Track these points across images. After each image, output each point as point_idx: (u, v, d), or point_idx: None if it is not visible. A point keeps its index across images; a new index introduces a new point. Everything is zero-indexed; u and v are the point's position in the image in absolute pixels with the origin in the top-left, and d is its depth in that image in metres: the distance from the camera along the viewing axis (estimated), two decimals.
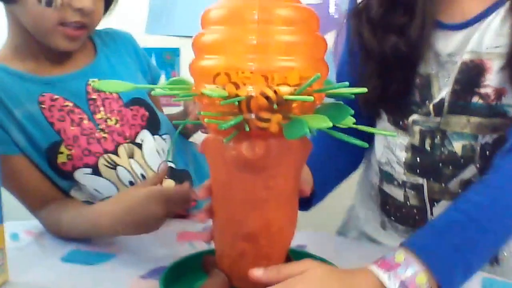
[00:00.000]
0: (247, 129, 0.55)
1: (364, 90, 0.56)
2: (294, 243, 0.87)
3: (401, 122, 0.88)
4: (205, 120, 0.58)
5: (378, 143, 0.95)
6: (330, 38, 1.97)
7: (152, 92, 0.60)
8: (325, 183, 0.89)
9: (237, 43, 0.55)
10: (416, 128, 0.86)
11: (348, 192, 1.04)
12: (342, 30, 0.98)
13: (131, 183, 0.98)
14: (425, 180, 0.87)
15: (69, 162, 0.94)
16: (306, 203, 0.86)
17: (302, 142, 0.59)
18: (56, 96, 0.95)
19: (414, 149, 0.87)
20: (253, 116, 0.55)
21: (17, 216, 0.99)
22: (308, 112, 0.56)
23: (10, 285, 0.74)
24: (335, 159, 0.92)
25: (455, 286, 0.59)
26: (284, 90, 0.53)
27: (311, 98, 0.52)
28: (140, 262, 0.82)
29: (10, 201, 0.94)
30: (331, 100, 0.60)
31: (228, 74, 0.54)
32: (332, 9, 1.93)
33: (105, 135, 0.97)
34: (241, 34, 0.55)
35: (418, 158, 0.87)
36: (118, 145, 0.98)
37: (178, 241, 0.91)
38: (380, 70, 0.85)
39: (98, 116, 0.98)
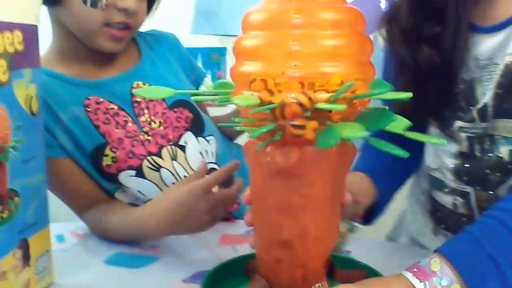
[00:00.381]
0: (277, 137, 0.54)
1: (409, 95, 0.52)
2: None
3: (446, 129, 0.85)
4: (238, 127, 0.58)
5: (428, 148, 0.92)
6: (382, 33, 1.92)
7: (192, 97, 0.60)
8: (385, 195, 0.87)
9: (274, 49, 0.53)
10: (463, 135, 0.82)
11: (398, 196, 1.02)
12: None
13: None
14: (472, 188, 0.83)
15: (114, 165, 0.95)
16: (367, 217, 0.85)
17: (341, 149, 0.57)
18: (101, 99, 0.96)
19: (463, 156, 0.84)
20: (289, 123, 0.53)
21: (63, 218, 1.01)
22: (349, 118, 0.54)
23: (54, 287, 0.76)
24: (392, 169, 0.89)
25: None
26: (319, 96, 0.52)
27: (342, 106, 0.49)
28: (183, 265, 0.82)
29: (55, 202, 0.96)
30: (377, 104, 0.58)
31: (264, 80, 0.53)
32: (383, 4, 1.88)
33: (149, 137, 0.97)
34: (279, 40, 0.53)
35: (466, 165, 0.83)
36: (161, 147, 0.98)
37: (221, 245, 0.91)
38: (416, 80, 0.82)
39: (142, 118, 0.98)
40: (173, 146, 0.99)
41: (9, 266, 0.66)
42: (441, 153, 0.88)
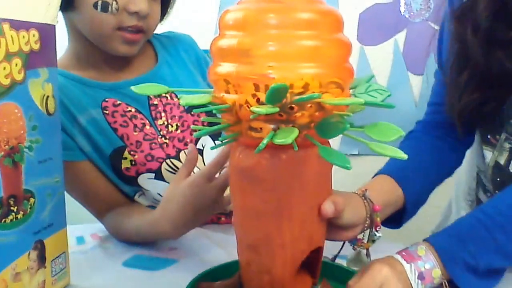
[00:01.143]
0: (221, 138, 0.57)
1: (360, 101, 0.50)
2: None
3: (489, 136, 0.82)
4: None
5: (477, 146, 0.90)
6: (400, 38, 1.90)
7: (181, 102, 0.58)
8: (418, 196, 0.84)
9: (250, 50, 0.51)
10: (506, 145, 0.80)
11: (444, 194, 0.98)
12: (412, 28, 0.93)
13: None
14: None
15: (133, 168, 0.94)
16: (397, 220, 0.82)
17: (307, 158, 0.55)
18: (119, 101, 0.96)
19: (496, 168, 0.81)
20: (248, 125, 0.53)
21: (84, 219, 1.00)
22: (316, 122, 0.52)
23: None
24: (424, 170, 0.85)
25: (464, 281, 0.66)
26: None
27: (273, 110, 0.48)
28: (201, 268, 0.80)
29: (77, 203, 0.96)
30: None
31: (226, 81, 0.52)
32: (403, 9, 1.87)
33: (167, 141, 0.97)
34: (255, 40, 0.51)
35: (498, 179, 0.80)
36: (179, 151, 0.97)
37: None
38: (481, 81, 0.78)
39: (160, 122, 0.97)
40: None
41: (23, 267, 0.66)
42: (484, 158, 0.86)
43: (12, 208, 0.64)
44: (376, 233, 0.72)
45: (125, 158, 0.94)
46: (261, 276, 0.59)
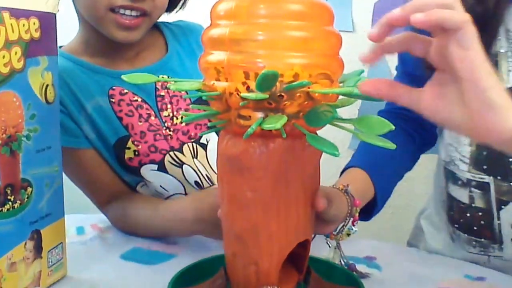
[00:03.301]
0: (207, 124, 0.60)
1: (349, 90, 0.51)
2: (364, 253, 0.82)
3: None
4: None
5: (441, 141, 0.89)
6: None
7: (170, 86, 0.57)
8: (386, 190, 0.85)
9: (239, 39, 0.52)
10: None
11: (417, 202, 0.97)
12: None
13: (197, 183, 0.96)
14: (492, 179, 0.79)
15: (136, 158, 0.93)
16: (367, 213, 0.83)
17: (295, 147, 0.55)
18: (126, 90, 0.95)
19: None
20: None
21: (86, 209, 1.00)
22: (305, 111, 0.53)
23: (67, 280, 0.74)
24: (390, 163, 0.86)
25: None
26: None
27: (262, 96, 0.49)
28: None
29: (78, 194, 0.95)
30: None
31: (217, 69, 0.52)
32: None
33: (171, 133, 0.96)
34: (244, 29, 0.52)
35: (484, 152, 0.79)
36: (182, 144, 0.96)
37: None
38: None
39: (165, 113, 0.96)
40: (194, 143, 0.97)
41: (19, 257, 0.65)
42: (456, 143, 0.84)
43: (9, 197, 0.63)
44: (353, 227, 0.72)
45: (129, 148, 0.93)
46: (248, 268, 0.58)
